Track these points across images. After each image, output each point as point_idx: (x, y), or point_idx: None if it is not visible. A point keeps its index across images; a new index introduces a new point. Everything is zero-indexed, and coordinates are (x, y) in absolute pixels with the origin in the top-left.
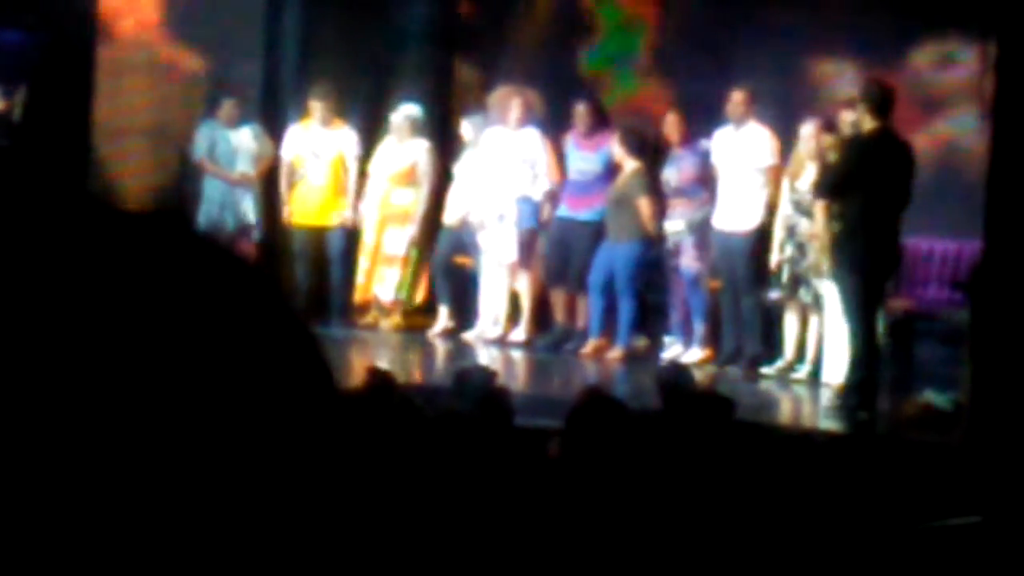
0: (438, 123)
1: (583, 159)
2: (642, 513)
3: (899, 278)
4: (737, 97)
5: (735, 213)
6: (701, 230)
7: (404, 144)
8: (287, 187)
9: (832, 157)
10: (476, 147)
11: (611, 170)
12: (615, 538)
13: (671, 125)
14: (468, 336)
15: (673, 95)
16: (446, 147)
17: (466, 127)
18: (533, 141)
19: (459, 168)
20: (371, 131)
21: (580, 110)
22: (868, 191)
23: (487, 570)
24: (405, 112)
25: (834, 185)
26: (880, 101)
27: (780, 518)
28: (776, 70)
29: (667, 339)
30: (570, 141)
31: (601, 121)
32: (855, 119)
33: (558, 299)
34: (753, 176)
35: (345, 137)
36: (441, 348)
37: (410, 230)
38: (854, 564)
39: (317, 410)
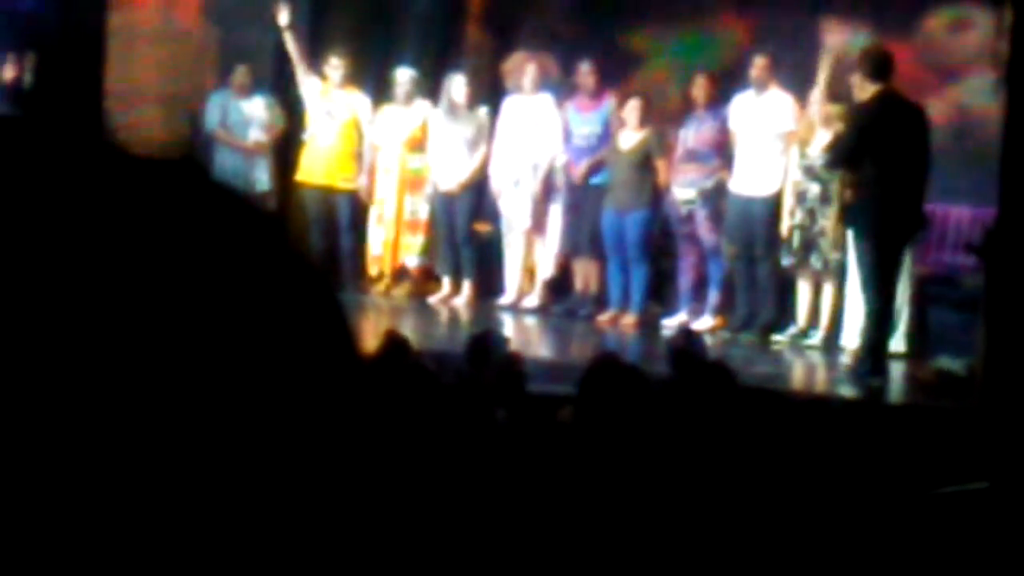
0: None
1: (585, 122)
2: (654, 479)
3: (915, 243)
4: (760, 62)
5: (754, 178)
6: (714, 199)
7: (410, 108)
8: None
9: (839, 127)
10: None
11: (609, 132)
12: (627, 504)
13: (699, 87)
14: (499, 303)
15: (680, 59)
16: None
17: (458, 86)
18: (548, 107)
19: (435, 133)
20: (382, 100)
21: (584, 69)
22: (878, 156)
23: (499, 537)
24: (406, 75)
25: (844, 155)
26: (876, 65)
27: (793, 484)
28: (790, 36)
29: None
30: (570, 108)
31: (602, 81)
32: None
33: (579, 267)
34: (773, 142)
35: (360, 102)
36: (457, 314)
37: (429, 191)
38: (867, 529)
39: (340, 369)
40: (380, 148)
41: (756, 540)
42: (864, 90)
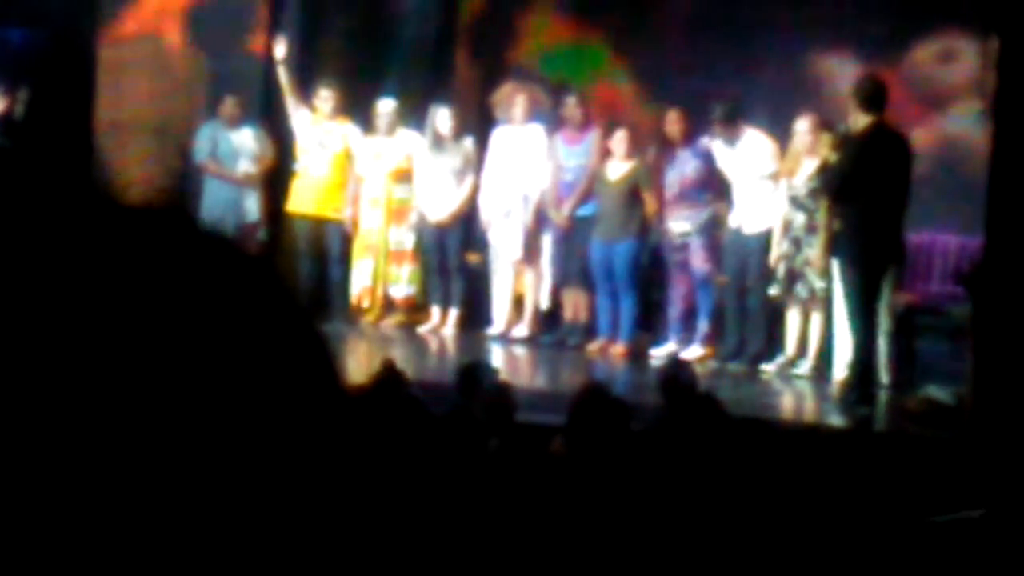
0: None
1: (572, 155)
2: (644, 508)
3: (901, 273)
4: (715, 124)
5: (748, 214)
6: (709, 230)
7: (394, 138)
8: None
9: (831, 157)
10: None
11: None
12: (618, 531)
13: (672, 122)
14: (488, 333)
15: (665, 93)
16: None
17: (443, 118)
18: (538, 138)
19: (421, 164)
20: (370, 131)
21: (570, 103)
22: (867, 188)
23: (491, 565)
24: (389, 106)
25: (835, 186)
26: (871, 96)
27: (784, 513)
28: (776, 66)
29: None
30: (558, 140)
31: (589, 114)
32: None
33: (568, 298)
34: (758, 182)
35: (351, 133)
36: (446, 344)
37: (414, 222)
38: (858, 558)
39: (324, 406)
40: (364, 179)
41: (747, 569)
42: (859, 120)
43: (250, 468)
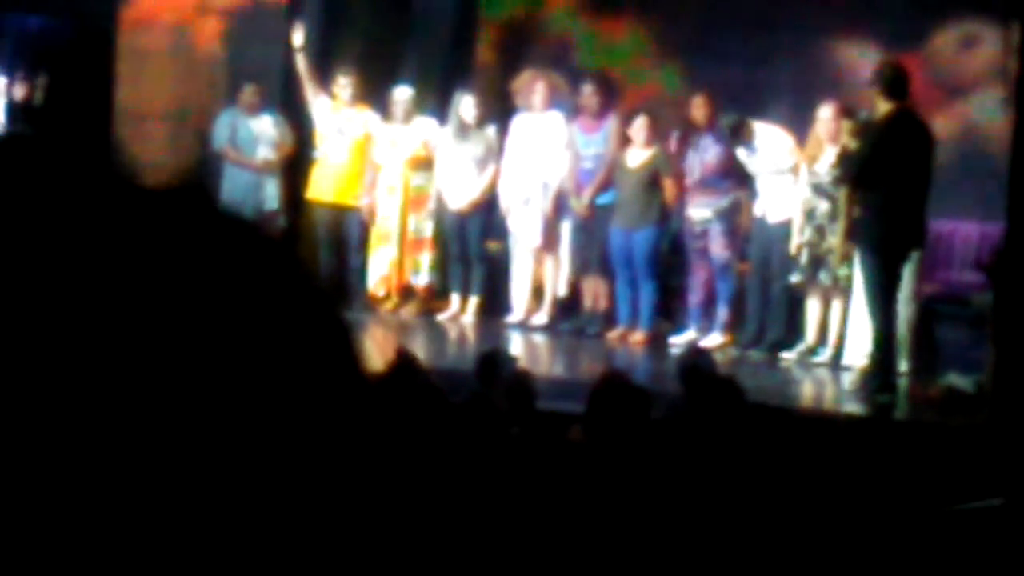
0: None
1: (590, 143)
2: (663, 496)
3: (922, 260)
4: (729, 136)
5: (771, 203)
6: (729, 217)
7: (410, 126)
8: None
9: (852, 143)
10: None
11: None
12: (637, 519)
13: (698, 107)
14: (508, 320)
15: (691, 80)
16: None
17: (467, 106)
18: (558, 125)
19: (442, 151)
20: (387, 119)
21: (587, 91)
22: (889, 174)
23: (510, 553)
24: (405, 93)
25: (854, 172)
26: (893, 82)
27: (803, 501)
28: (797, 54)
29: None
30: (575, 128)
31: (606, 102)
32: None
33: (587, 286)
34: (778, 175)
35: (371, 120)
36: (465, 332)
37: (432, 209)
38: (877, 547)
39: (345, 391)
40: (382, 167)
41: (766, 556)
42: (881, 106)
43: (270, 453)
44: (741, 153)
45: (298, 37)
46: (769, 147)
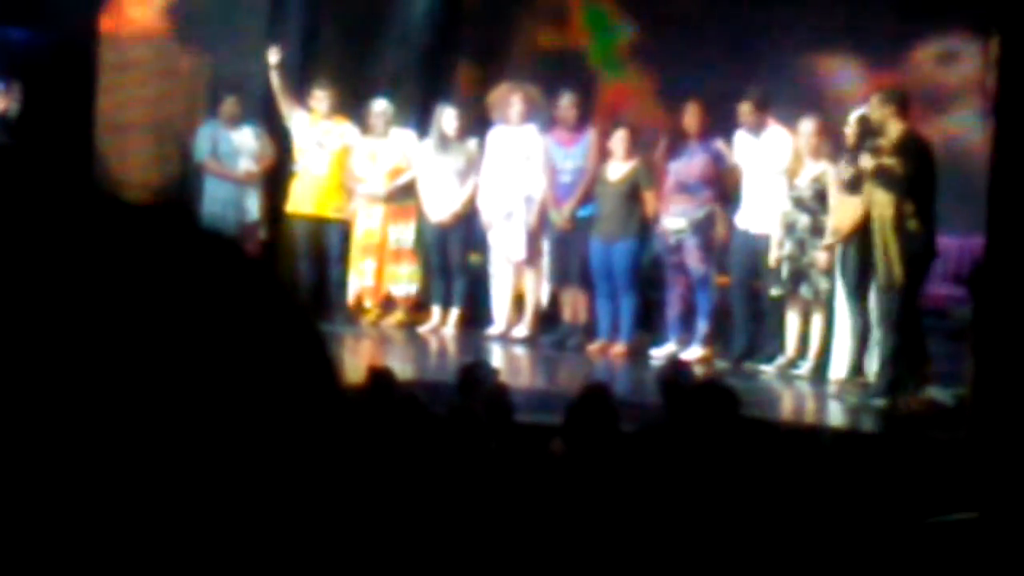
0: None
1: (567, 156)
2: (643, 508)
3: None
4: (745, 108)
5: (759, 213)
6: (704, 229)
7: (388, 139)
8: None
9: (878, 157)
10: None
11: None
12: (616, 531)
13: (691, 115)
14: (489, 333)
15: (671, 90)
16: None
17: (448, 118)
18: (534, 139)
19: (423, 164)
20: (365, 131)
21: (565, 103)
22: (913, 191)
23: (490, 565)
24: (382, 106)
25: (921, 190)
26: (902, 104)
27: (783, 513)
28: (777, 67)
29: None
30: (551, 141)
31: (583, 115)
32: (879, 121)
33: (567, 298)
34: (775, 178)
35: (350, 132)
36: (446, 344)
37: (413, 221)
38: (856, 559)
39: (322, 406)
40: (363, 180)
41: (745, 569)
42: (893, 126)
43: (248, 468)
44: (746, 144)
45: (274, 55)
46: (774, 144)
